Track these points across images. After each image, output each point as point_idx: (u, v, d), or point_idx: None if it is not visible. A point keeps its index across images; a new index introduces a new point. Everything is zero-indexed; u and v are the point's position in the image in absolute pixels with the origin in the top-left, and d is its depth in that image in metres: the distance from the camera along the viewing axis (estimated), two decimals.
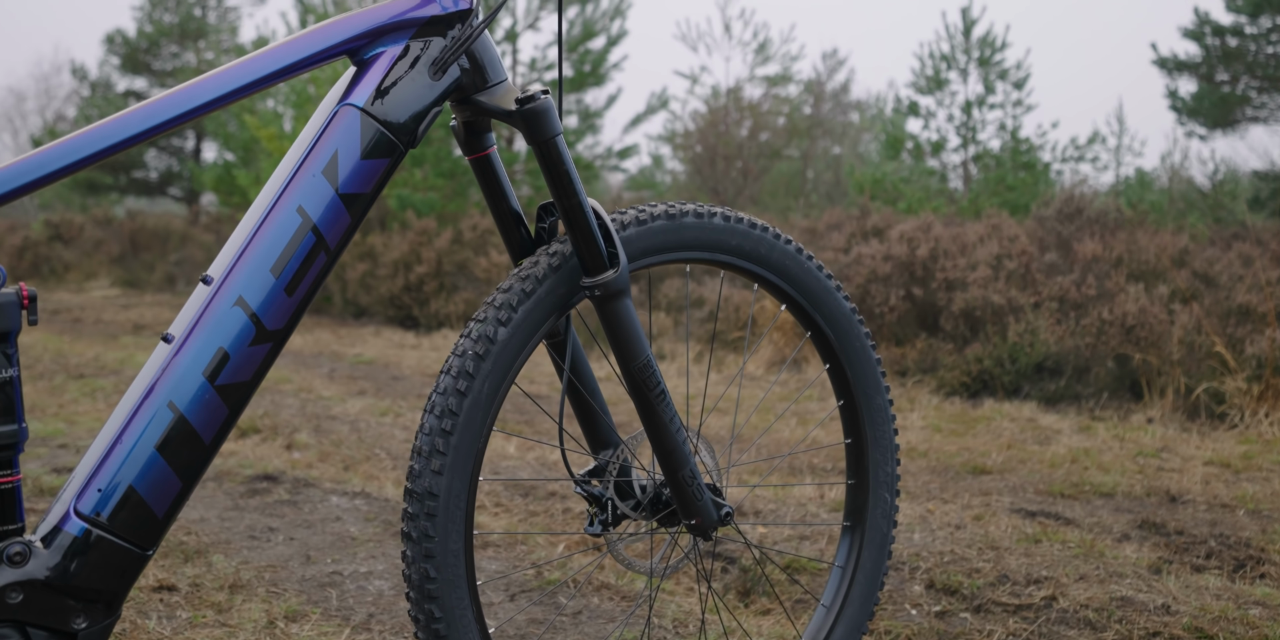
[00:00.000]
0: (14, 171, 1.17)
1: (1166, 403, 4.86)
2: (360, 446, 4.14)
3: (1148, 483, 3.71)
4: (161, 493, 1.24)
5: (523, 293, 1.47)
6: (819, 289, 1.75)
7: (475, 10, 1.45)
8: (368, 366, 6.59)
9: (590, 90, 12.62)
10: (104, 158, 1.22)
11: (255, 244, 1.29)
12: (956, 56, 13.17)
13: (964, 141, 13.21)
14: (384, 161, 1.36)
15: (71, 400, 5.13)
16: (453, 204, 10.51)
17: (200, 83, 1.28)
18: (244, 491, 3.45)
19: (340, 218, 1.33)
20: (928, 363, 5.73)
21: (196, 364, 1.25)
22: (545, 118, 1.43)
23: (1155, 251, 6.20)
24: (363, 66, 1.37)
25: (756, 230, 1.68)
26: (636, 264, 1.56)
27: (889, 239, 6.46)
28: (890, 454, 1.86)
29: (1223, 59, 15.75)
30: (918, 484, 3.71)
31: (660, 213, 1.59)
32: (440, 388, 1.43)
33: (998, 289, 5.75)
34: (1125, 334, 5.07)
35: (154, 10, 20.50)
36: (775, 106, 16.35)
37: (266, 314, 1.28)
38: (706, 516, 1.60)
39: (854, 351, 1.80)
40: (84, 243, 14.42)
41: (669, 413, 1.54)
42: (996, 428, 4.69)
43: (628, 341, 1.51)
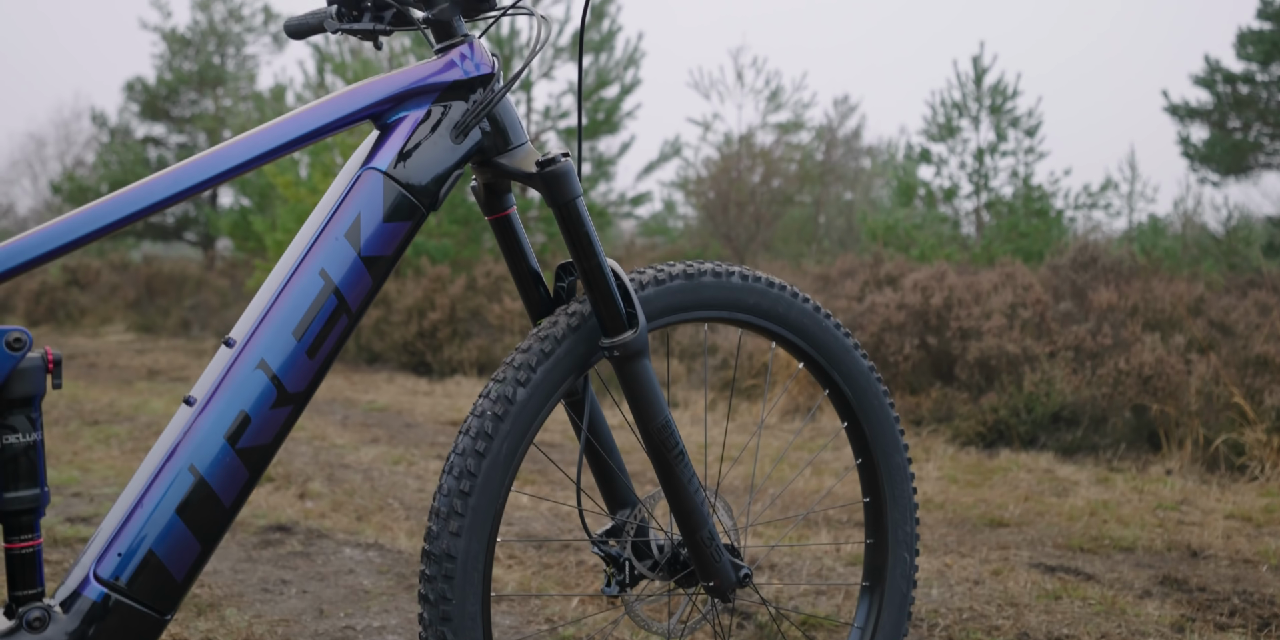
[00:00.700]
0: (44, 237, 1.19)
1: (1185, 454, 4.82)
2: (373, 496, 4.13)
3: (1168, 537, 3.67)
4: (181, 557, 1.23)
5: (542, 353, 1.47)
6: (837, 347, 1.75)
7: (497, 75, 1.47)
8: (381, 413, 6.58)
9: (604, 138, 12.71)
10: (131, 222, 1.23)
11: (278, 307, 1.29)
12: (968, 104, 13.25)
13: (976, 188, 13.24)
14: (405, 224, 1.37)
15: (86, 447, 5.14)
16: (466, 251, 10.56)
17: (227, 148, 1.30)
18: (257, 542, 3.43)
19: (362, 280, 1.34)
20: (943, 412, 5.71)
21: (218, 427, 1.25)
22: (565, 180, 1.44)
23: (1171, 300, 6.18)
24: (386, 130, 1.39)
25: (774, 289, 1.68)
26: (655, 323, 1.56)
27: (903, 287, 6.46)
28: (909, 513, 1.84)
29: (1234, 106, 15.82)
30: (935, 537, 3.68)
31: (679, 272, 1.60)
32: (459, 448, 1.43)
33: (1013, 338, 5.74)
34: (1142, 384, 5.05)
35: (174, 58, 20.78)
36: (787, 153, 16.45)
37: (288, 377, 1.29)
38: (725, 578, 1.58)
39: (872, 410, 1.80)
40: (100, 287, 14.51)
41: (687, 473, 1.54)
42: (1013, 479, 4.65)
43: (646, 402, 1.50)
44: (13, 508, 1.18)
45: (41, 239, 1.18)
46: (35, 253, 1.18)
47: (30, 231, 1.19)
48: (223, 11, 20.98)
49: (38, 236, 1.18)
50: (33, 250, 1.18)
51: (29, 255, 1.17)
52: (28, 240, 1.18)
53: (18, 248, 1.17)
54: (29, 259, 1.17)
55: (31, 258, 1.17)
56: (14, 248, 1.17)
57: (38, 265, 1.18)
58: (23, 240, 1.18)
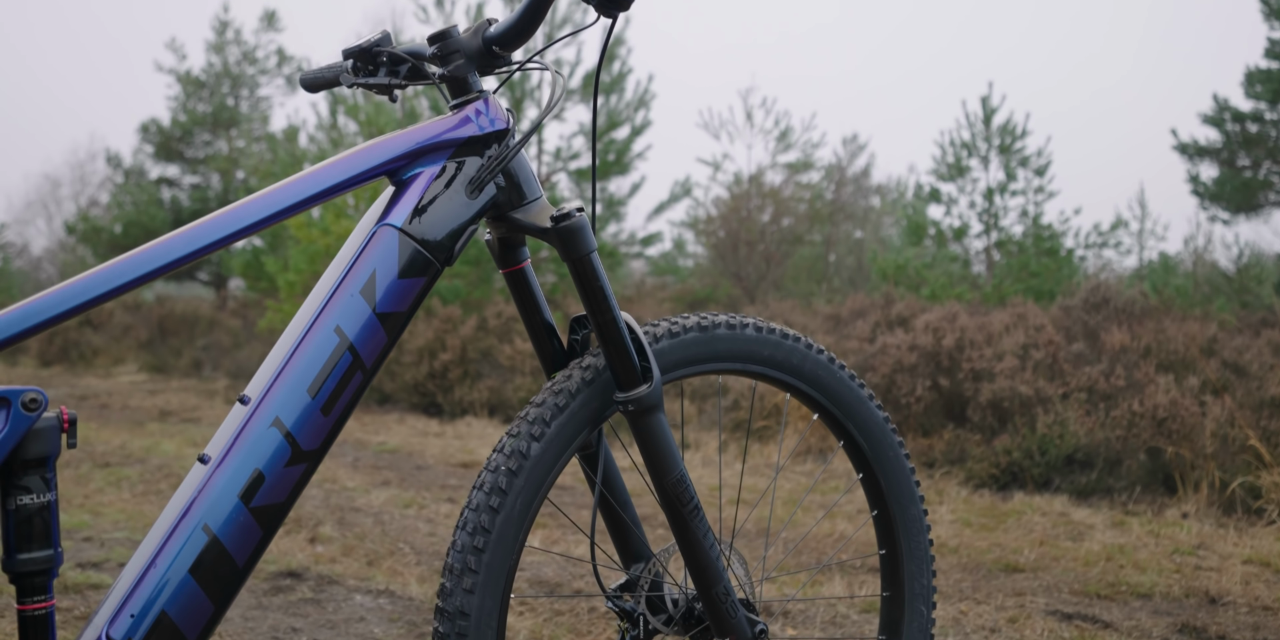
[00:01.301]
0: (62, 296, 1.19)
1: (1201, 497, 4.78)
2: (384, 540, 4.11)
3: (1186, 583, 3.63)
4: (194, 617, 1.23)
5: (556, 407, 1.47)
6: (852, 399, 1.74)
7: (512, 130, 1.48)
8: (391, 455, 6.57)
9: (614, 178, 12.78)
10: (149, 281, 1.24)
11: (293, 364, 1.30)
12: (977, 144, 13.30)
13: (986, 227, 13.26)
14: (420, 280, 1.37)
15: (97, 490, 5.13)
16: (477, 291, 10.59)
17: (245, 206, 1.30)
18: (268, 589, 3.41)
19: (377, 336, 1.34)
20: (955, 454, 5.67)
21: (232, 485, 1.25)
22: (580, 235, 1.45)
23: (1184, 340, 6.16)
24: (401, 187, 1.40)
25: (789, 341, 1.68)
26: (670, 376, 1.56)
27: (914, 328, 6.45)
28: (926, 566, 1.83)
29: (1243, 144, 15.83)
30: (949, 582, 3.64)
31: (693, 325, 1.60)
32: (473, 503, 1.42)
33: (1025, 379, 5.71)
34: (1157, 426, 5.02)
35: (188, 100, 20.99)
36: (797, 192, 16.50)
37: (302, 434, 1.29)
38: (740, 634, 1.57)
39: (888, 461, 1.79)
40: (113, 327, 14.56)
41: (703, 528, 1.53)
42: (1028, 522, 4.61)
43: (661, 456, 1.50)
44: (26, 569, 1.18)
45: (59, 299, 1.19)
46: (52, 313, 1.18)
47: (48, 292, 1.19)
48: (237, 54, 21.22)
49: (55, 296, 1.19)
50: (50, 310, 1.18)
51: (44, 316, 1.18)
52: (45, 301, 1.18)
53: (33, 308, 1.18)
54: (44, 320, 1.18)
55: (48, 318, 1.18)
56: (29, 308, 1.17)
57: (53, 325, 1.19)
58: (40, 301, 1.18)
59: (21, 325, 1.17)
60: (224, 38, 21.17)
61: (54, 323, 1.18)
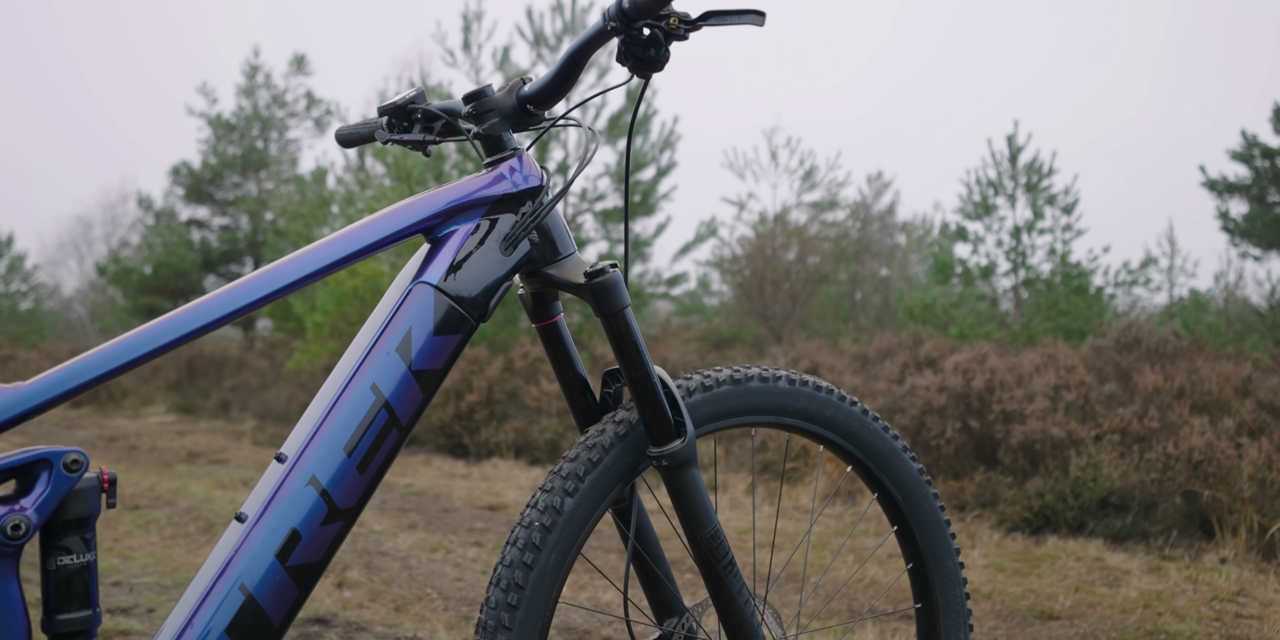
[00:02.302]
0: (106, 356, 1.20)
1: (1240, 542, 4.71)
2: (411, 585, 4.09)
3: (1226, 631, 3.56)
4: None
5: (589, 462, 1.46)
6: (885, 450, 1.73)
7: (546, 187, 1.49)
8: (418, 498, 6.56)
9: (640, 219, 12.83)
10: (187, 341, 1.25)
11: (329, 422, 1.30)
12: (1004, 182, 13.29)
13: (1014, 266, 13.21)
14: (456, 337, 1.38)
15: (126, 533, 5.14)
16: (503, 332, 10.62)
17: (281, 266, 1.31)
18: (296, 636, 3.40)
19: (412, 393, 1.34)
20: (987, 497, 5.62)
21: (269, 545, 1.25)
22: (614, 291, 1.45)
23: (1218, 381, 6.10)
24: (436, 244, 1.41)
25: (821, 393, 1.67)
26: (703, 430, 1.56)
27: (943, 369, 6.42)
28: (963, 619, 1.80)
29: (1273, 180, 15.76)
30: (984, 630, 3.59)
31: (725, 378, 1.60)
32: (506, 560, 1.42)
33: (1057, 421, 5.66)
34: (1192, 469, 4.95)
35: (219, 143, 21.29)
36: (822, 231, 16.52)
37: (338, 492, 1.29)
38: None
39: (922, 514, 1.77)
40: (142, 369, 14.66)
41: (737, 584, 1.51)
42: (1062, 567, 4.55)
43: (695, 511, 1.49)
44: (65, 630, 1.18)
45: (96, 363, 1.20)
46: (90, 376, 1.19)
47: (85, 356, 1.20)
48: (266, 97, 21.53)
49: (93, 360, 1.20)
50: (88, 373, 1.19)
51: (83, 379, 1.19)
52: (82, 364, 1.20)
53: (73, 372, 1.19)
54: (83, 383, 1.19)
55: (86, 381, 1.19)
56: (69, 372, 1.19)
57: (90, 387, 1.20)
58: (78, 364, 1.20)
59: (67, 386, 1.18)
60: (254, 81, 21.50)
61: (97, 382, 1.19)
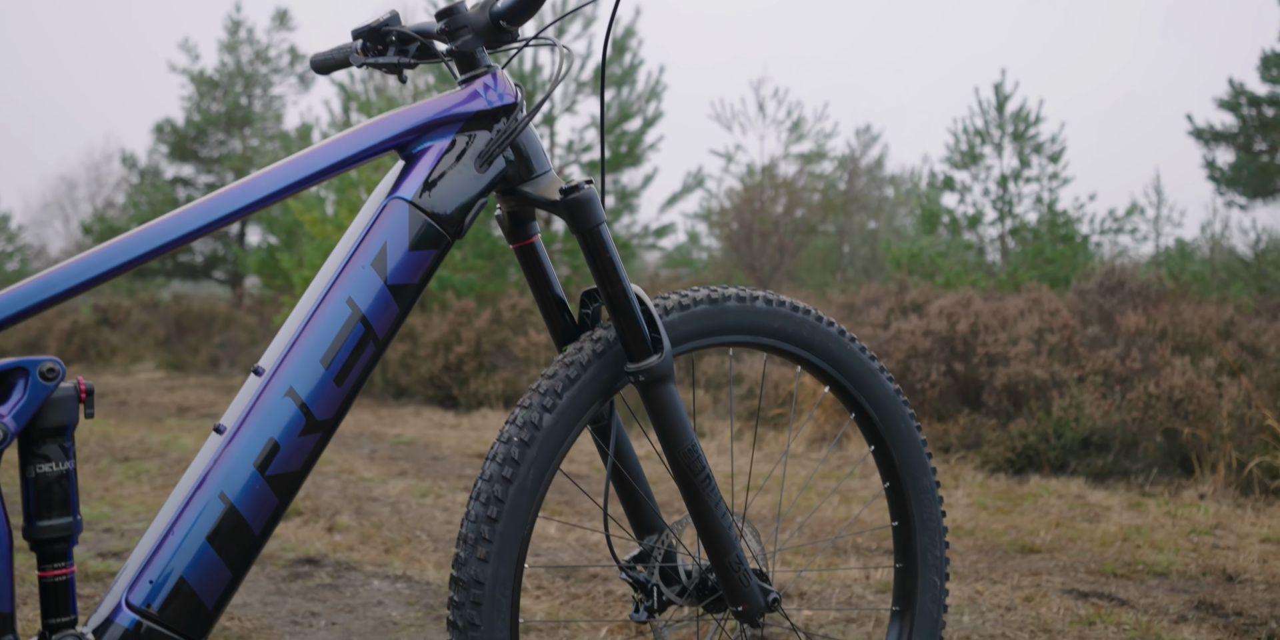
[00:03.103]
0: (73, 270, 1.21)
1: (1218, 478, 4.77)
2: (401, 528, 4.13)
3: (1203, 561, 3.62)
4: (212, 583, 1.25)
5: (567, 379, 1.48)
6: (863, 371, 1.75)
7: (520, 104, 1.49)
8: (408, 447, 6.60)
9: (627, 170, 12.79)
10: (161, 254, 1.25)
11: (306, 335, 1.31)
12: (990, 131, 13.26)
13: (1000, 215, 13.22)
14: (431, 252, 1.39)
15: (117, 484, 5.17)
16: (492, 284, 10.61)
17: (254, 180, 1.32)
18: (286, 575, 3.44)
19: (389, 308, 1.35)
20: (971, 439, 5.67)
21: (248, 455, 1.26)
22: (589, 207, 1.46)
23: (1200, 323, 6.14)
24: (411, 160, 1.41)
25: (799, 313, 1.69)
26: (680, 348, 1.57)
27: (928, 314, 6.44)
28: (938, 537, 1.83)
29: (1260, 129, 15.75)
30: (965, 564, 3.64)
31: (703, 297, 1.61)
32: (486, 475, 1.44)
33: (1040, 363, 5.70)
34: (1173, 408, 5.00)
35: (202, 100, 21.08)
36: (810, 183, 16.48)
37: (316, 404, 1.30)
38: (753, 603, 1.58)
39: (899, 433, 1.79)
40: (130, 326, 14.65)
41: (714, 497, 1.54)
42: (1044, 505, 4.61)
43: (672, 427, 1.51)
44: (46, 536, 1.19)
45: (71, 273, 1.20)
46: (65, 286, 1.20)
47: (59, 266, 1.21)
48: (250, 53, 21.29)
49: (67, 270, 1.20)
50: (62, 284, 1.20)
51: (58, 289, 1.19)
52: (57, 274, 1.20)
53: (47, 281, 1.19)
54: (58, 293, 1.19)
55: (61, 291, 1.20)
56: (43, 282, 1.19)
57: (66, 298, 1.20)
58: (52, 274, 1.20)
59: (38, 297, 1.19)
60: (236, 37, 21.25)
61: (69, 295, 1.20)
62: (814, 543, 4.00)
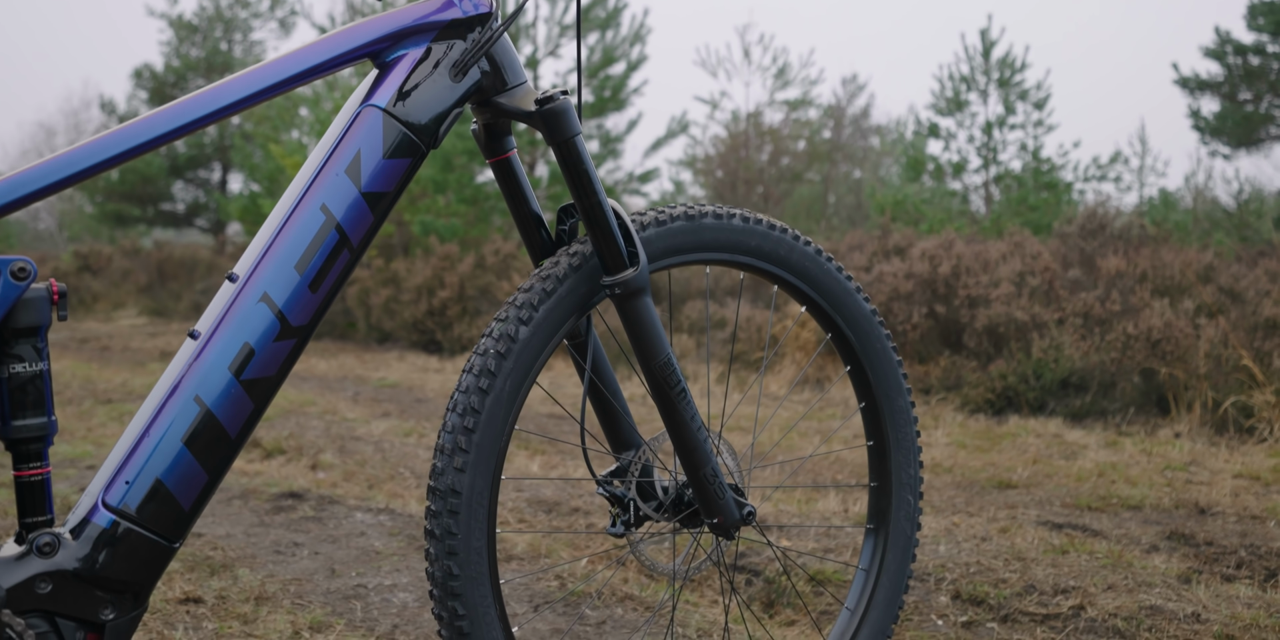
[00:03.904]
0: (48, 168, 1.20)
1: (1194, 417, 4.82)
2: (384, 466, 4.15)
3: (1176, 496, 3.68)
4: (188, 486, 1.25)
5: (544, 292, 1.48)
6: (839, 290, 1.76)
7: (495, 13, 1.48)
8: (392, 390, 6.61)
9: (611, 115, 12.70)
10: (133, 156, 1.24)
11: (280, 242, 1.31)
12: (976, 78, 13.19)
13: (985, 162, 13.19)
14: (406, 161, 1.38)
15: (100, 424, 5.17)
16: (475, 229, 10.58)
17: (227, 84, 1.31)
18: (269, 509, 3.46)
19: (363, 216, 1.35)
20: (951, 380, 5.71)
21: (222, 359, 1.27)
22: (564, 118, 1.45)
23: (1180, 267, 6.17)
24: (385, 69, 1.40)
25: (775, 232, 1.69)
26: (656, 265, 1.57)
27: (910, 257, 6.46)
28: (913, 456, 1.85)
29: (1245, 78, 15.72)
30: (943, 498, 3.69)
31: (679, 214, 1.61)
32: (462, 386, 1.44)
33: (1021, 305, 5.73)
34: (1151, 348, 5.04)
35: (181, 45, 20.79)
36: (795, 129, 16.40)
37: (291, 310, 1.30)
38: (728, 515, 1.59)
39: (875, 353, 1.80)
40: (112, 273, 14.57)
41: (690, 411, 1.55)
42: (1022, 444, 4.66)
43: (648, 340, 1.51)
44: (21, 436, 1.20)
45: (45, 171, 1.20)
46: (39, 185, 1.19)
47: (33, 164, 1.20)
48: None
49: (40, 169, 1.20)
50: (36, 182, 1.19)
51: (32, 187, 1.19)
52: (32, 172, 1.19)
53: (22, 179, 1.19)
54: (34, 190, 1.19)
55: (35, 190, 1.19)
56: (18, 179, 1.18)
57: (40, 198, 1.19)
58: (27, 172, 1.19)
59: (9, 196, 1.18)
60: None
61: (32, 200, 1.19)
62: (792, 461, 4.04)
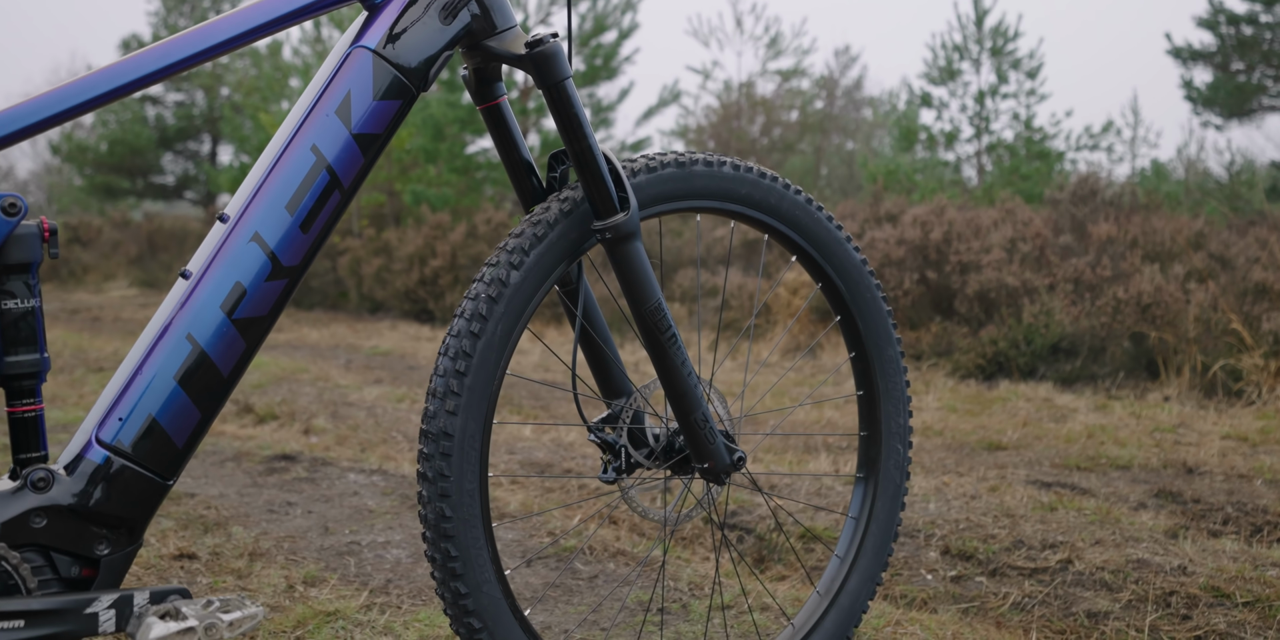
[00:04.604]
0: (34, 107, 1.20)
1: (1183, 381, 4.85)
2: (377, 430, 4.16)
3: (1164, 456, 3.70)
4: (181, 423, 1.26)
5: (535, 237, 1.48)
6: (829, 240, 1.76)
7: None
8: (384, 357, 6.62)
9: (602, 84, 12.64)
10: (118, 97, 1.24)
11: (270, 182, 1.31)
12: (969, 46, 13.14)
13: (977, 132, 13.17)
14: (396, 103, 1.38)
15: (91, 391, 5.17)
16: (467, 199, 10.55)
17: (215, 24, 1.30)
18: (262, 470, 3.47)
19: (354, 158, 1.35)
20: (943, 346, 5.73)
21: (214, 298, 1.27)
22: (554, 61, 1.45)
23: (1171, 233, 6.18)
24: (375, 10, 1.40)
25: (766, 180, 1.69)
26: (647, 212, 1.57)
27: (902, 223, 6.46)
28: (902, 405, 1.87)
29: (1238, 48, 15.68)
30: (933, 460, 3.71)
31: (670, 160, 1.61)
32: (454, 331, 1.45)
33: (1012, 271, 5.74)
34: (1141, 313, 5.06)
35: (169, 15, 20.62)
36: (788, 99, 16.35)
37: (283, 250, 1.30)
38: (719, 460, 1.60)
39: (865, 302, 1.81)
40: (102, 244, 14.53)
41: (680, 356, 1.55)
42: (1012, 408, 4.68)
43: (639, 285, 1.52)
44: (14, 372, 1.20)
45: (33, 108, 1.19)
46: (25, 123, 1.19)
47: (19, 102, 1.20)
48: None
49: (29, 106, 1.19)
50: (22, 120, 1.19)
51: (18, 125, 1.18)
52: (20, 110, 1.19)
53: (9, 116, 1.18)
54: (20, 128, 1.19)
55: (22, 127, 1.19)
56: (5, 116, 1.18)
57: (27, 136, 1.19)
58: (14, 110, 1.19)
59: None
60: None
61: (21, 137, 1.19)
62: (782, 409, 4.06)
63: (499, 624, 1.46)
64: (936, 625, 2.18)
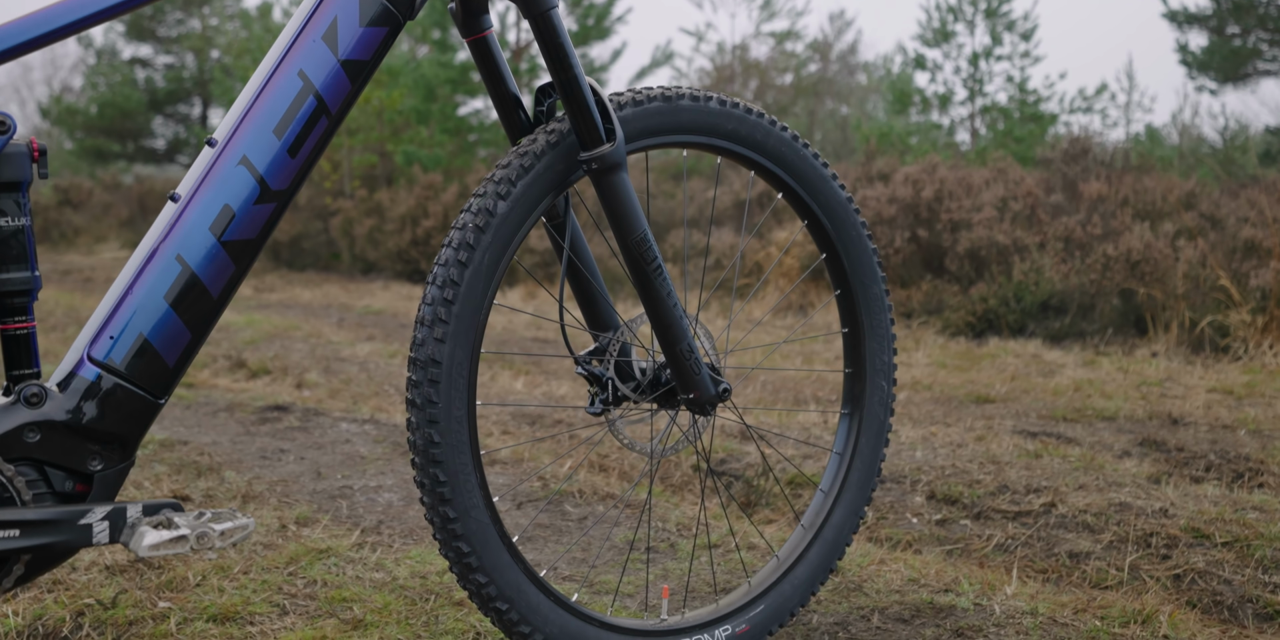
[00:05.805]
0: (27, 24, 1.20)
1: (1171, 337, 4.88)
2: (369, 384, 4.18)
3: (1150, 408, 3.74)
4: (172, 343, 1.27)
5: (521, 168, 1.49)
6: (815, 177, 1.77)
7: None
8: (376, 316, 6.63)
9: (595, 44, 12.57)
10: (108, 18, 1.24)
11: (258, 107, 1.31)
12: (963, 8, 13.07)
13: (971, 94, 13.13)
14: (383, 30, 1.38)
15: None
16: (459, 160, 10.52)
17: None
18: (255, 420, 3.50)
19: (341, 84, 1.35)
20: (933, 304, 5.75)
21: (203, 220, 1.28)
22: None
23: (1162, 193, 6.19)
24: None
25: (752, 116, 1.69)
26: (633, 146, 1.58)
27: (894, 182, 6.46)
28: (887, 343, 1.88)
29: (1233, 12, 15.59)
30: (921, 412, 3.74)
31: (656, 95, 1.61)
32: (442, 260, 1.46)
33: (1003, 230, 5.76)
34: (1130, 270, 5.09)
35: None
36: (782, 61, 16.26)
37: (271, 174, 1.31)
38: (704, 391, 1.62)
39: (850, 240, 1.82)
40: (93, 207, 14.46)
41: (666, 287, 1.57)
42: (1001, 363, 4.72)
43: (624, 216, 1.53)
44: (6, 289, 1.21)
45: (20, 28, 1.20)
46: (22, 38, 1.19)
47: (8, 22, 1.20)
48: None
49: (18, 25, 1.20)
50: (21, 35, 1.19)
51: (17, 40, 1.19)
52: (16, 25, 1.20)
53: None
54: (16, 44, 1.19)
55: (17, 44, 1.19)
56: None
57: (22, 53, 1.20)
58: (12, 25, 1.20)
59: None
60: None
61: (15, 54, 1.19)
62: (768, 346, 4.09)
63: (487, 548, 1.49)
64: (920, 564, 2.21)
